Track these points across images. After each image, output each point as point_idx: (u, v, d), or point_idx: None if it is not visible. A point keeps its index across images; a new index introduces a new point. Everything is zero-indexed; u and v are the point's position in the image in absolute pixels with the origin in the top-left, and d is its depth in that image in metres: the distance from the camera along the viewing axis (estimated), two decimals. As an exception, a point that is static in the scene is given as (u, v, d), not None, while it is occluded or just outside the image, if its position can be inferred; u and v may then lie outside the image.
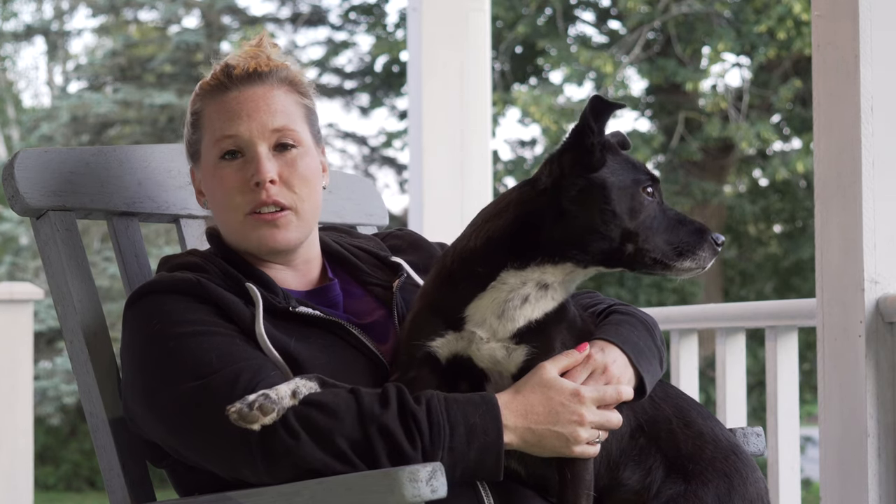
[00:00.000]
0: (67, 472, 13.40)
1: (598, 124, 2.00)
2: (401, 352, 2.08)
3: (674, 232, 2.00)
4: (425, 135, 4.49)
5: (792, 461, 3.64)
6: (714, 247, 2.01)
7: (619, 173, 2.01)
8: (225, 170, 2.17)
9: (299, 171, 2.18)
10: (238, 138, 2.16)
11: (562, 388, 1.99)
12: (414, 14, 4.54)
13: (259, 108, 2.17)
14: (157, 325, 2.07)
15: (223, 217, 2.20)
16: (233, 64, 2.20)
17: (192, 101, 2.25)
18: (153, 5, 15.31)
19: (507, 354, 2.02)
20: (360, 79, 16.61)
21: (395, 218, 14.77)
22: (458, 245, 2.07)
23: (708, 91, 14.00)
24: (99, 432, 2.26)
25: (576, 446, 1.99)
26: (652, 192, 2.02)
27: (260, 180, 2.14)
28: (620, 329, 2.13)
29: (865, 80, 2.87)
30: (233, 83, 2.19)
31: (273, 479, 1.95)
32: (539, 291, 2.01)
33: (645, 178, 2.02)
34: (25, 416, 6.27)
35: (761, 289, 15.83)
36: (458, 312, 2.02)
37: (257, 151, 2.16)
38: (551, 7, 14.71)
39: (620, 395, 2.04)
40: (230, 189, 2.17)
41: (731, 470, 2.09)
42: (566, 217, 1.99)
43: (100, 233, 13.70)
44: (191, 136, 2.25)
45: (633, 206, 1.99)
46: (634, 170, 2.03)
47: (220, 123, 2.18)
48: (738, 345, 3.85)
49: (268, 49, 2.24)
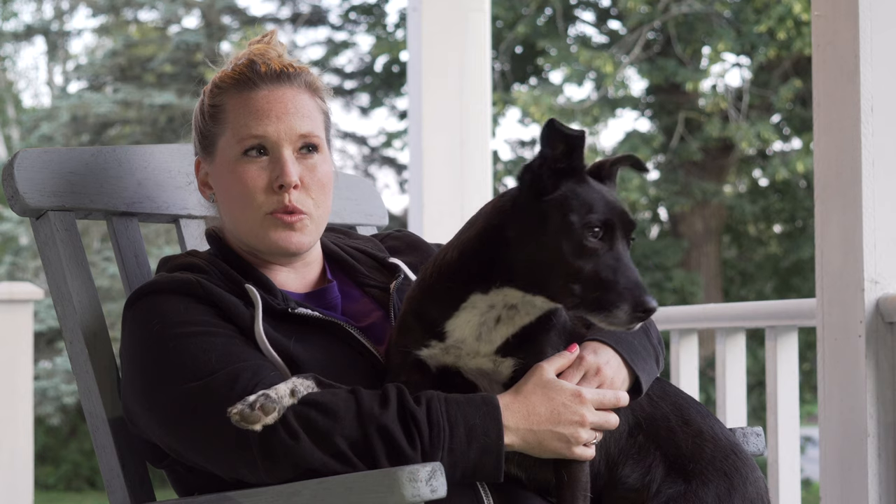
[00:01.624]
0: (67, 472, 13.41)
1: (550, 150, 1.93)
2: (392, 354, 2.08)
3: (601, 284, 1.87)
4: (425, 135, 4.49)
5: (792, 461, 3.65)
6: (634, 313, 1.85)
7: (570, 206, 1.91)
8: (248, 166, 2.16)
9: (318, 177, 2.18)
10: (266, 139, 2.16)
11: (562, 388, 1.99)
12: (414, 14, 4.54)
13: (288, 111, 2.17)
14: (156, 326, 2.06)
15: (239, 213, 2.19)
16: (258, 61, 2.19)
17: (211, 92, 2.22)
18: (153, 5, 15.31)
19: (495, 367, 2.02)
20: (360, 79, 16.62)
21: (395, 218, 14.77)
22: (439, 257, 2.06)
23: (708, 91, 14.00)
24: (99, 432, 2.26)
25: (576, 447, 1.99)
26: (600, 235, 1.90)
27: (285, 183, 2.14)
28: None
29: (865, 80, 2.87)
30: (261, 80, 2.18)
31: (272, 479, 1.95)
32: (510, 311, 1.99)
33: (597, 219, 1.90)
34: (25, 416, 6.27)
35: (761, 289, 15.83)
36: (439, 327, 2.01)
37: (283, 154, 2.15)
38: (551, 7, 14.71)
39: (619, 400, 2.03)
40: (252, 188, 2.16)
41: (732, 469, 2.08)
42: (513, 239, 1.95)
43: (100, 233, 13.70)
44: (208, 129, 2.21)
45: (566, 246, 1.89)
46: (587, 209, 1.91)
47: (248, 121, 2.16)
48: (738, 345, 3.85)
49: (278, 48, 2.24)
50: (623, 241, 1.92)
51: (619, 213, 1.93)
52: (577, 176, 1.95)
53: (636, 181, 13.58)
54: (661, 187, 14.62)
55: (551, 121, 1.93)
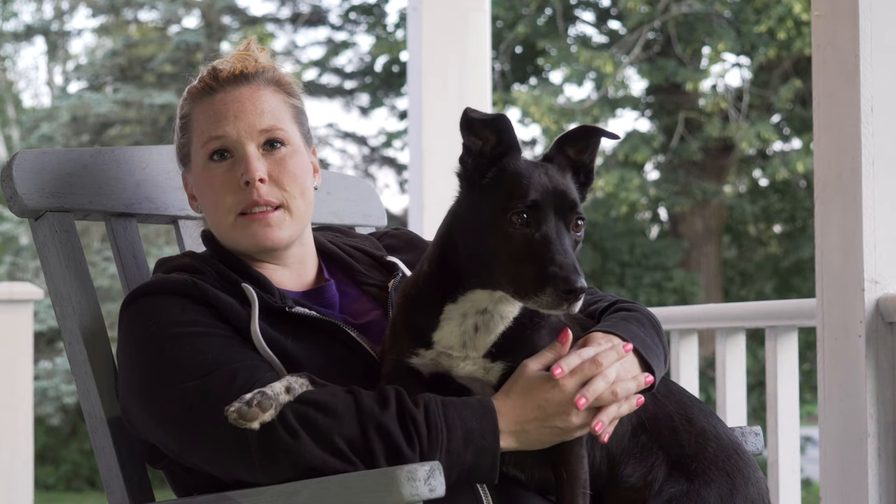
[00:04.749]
0: (67, 472, 13.41)
1: (475, 139, 1.92)
2: (384, 361, 2.08)
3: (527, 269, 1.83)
4: (425, 135, 4.49)
5: (792, 461, 3.64)
6: (560, 295, 1.80)
7: (495, 193, 1.89)
8: (214, 170, 2.18)
9: (289, 169, 2.18)
10: (226, 139, 2.17)
11: (541, 382, 1.97)
12: (414, 14, 4.54)
13: (245, 109, 2.18)
14: (153, 327, 2.07)
15: (214, 219, 2.21)
16: (220, 67, 2.22)
17: (181, 105, 2.26)
18: (153, 5, 15.31)
19: (486, 372, 2.02)
20: (360, 79, 16.62)
21: (395, 218, 14.77)
22: (417, 269, 2.05)
23: (708, 91, 14.01)
24: (98, 433, 2.25)
25: (574, 430, 1.98)
26: (527, 219, 1.86)
27: (249, 179, 2.15)
28: (629, 325, 2.12)
29: (865, 80, 2.87)
30: (219, 85, 2.20)
31: (270, 478, 1.94)
32: (483, 317, 1.98)
33: (520, 203, 1.85)
34: (25, 416, 6.27)
35: (761, 289, 15.84)
36: (427, 337, 2.01)
37: (246, 151, 2.17)
38: (551, 7, 14.71)
39: (599, 365, 1.98)
40: (220, 190, 2.17)
41: (734, 469, 2.08)
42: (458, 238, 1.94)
43: (99, 233, 13.70)
44: (180, 141, 2.26)
45: (494, 233, 1.87)
46: (511, 193, 1.87)
47: (208, 125, 2.19)
48: (738, 345, 3.85)
49: (255, 53, 2.25)
50: (557, 221, 1.87)
51: (551, 193, 1.88)
52: (509, 160, 1.91)
53: (636, 181, 13.58)
54: (661, 187, 14.63)
55: (466, 110, 1.90)
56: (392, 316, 2.10)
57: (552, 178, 1.91)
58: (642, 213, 16.32)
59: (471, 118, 1.90)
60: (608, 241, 14.98)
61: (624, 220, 15.19)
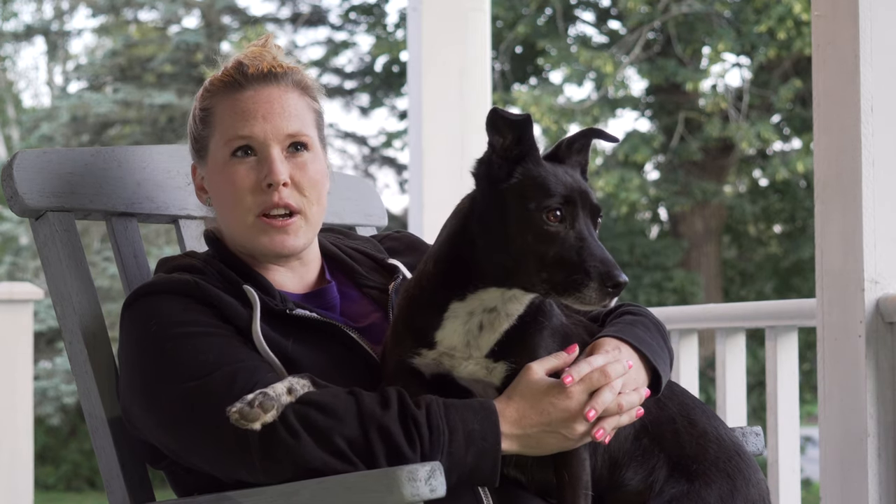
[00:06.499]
0: (67, 472, 13.41)
1: (499, 138, 1.92)
2: (386, 362, 2.08)
3: (567, 266, 1.85)
4: (425, 135, 4.49)
5: (792, 461, 3.64)
6: (604, 289, 1.83)
7: (525, 192, 1.90)
8: (237, 167, 2.17)
9: (310, 175, 2.18)
10: (253, 139, 2.16)
11: (548, 388, 1.97)
12: (414, 14, 4.54)
13: (274, 111, 2.17)
14: (154, 327, 2.06)
15: (231, 216, 2.19)
16: (246, 63, 2.19)
17: (202, 96, 2.23)
18: (153, 5, 15.32)
19: (488, 372, 2.02)
20: (360, 79, 16.62)
21: (395, 218, 14.77)
22: (420, 268, 2.05)
23: (708, 91, 14.01)
24: (98, 433, 2.25)
25: (578, 439, 1.98)
26: (561, 216, 1.88)
27: (273, 182, 2.14)
28: (635, 329, 2.12)
29: (865, 80, 2.87)
30: (248, 81, 2.18)
31: (271, 478, 1.94)
32: (490, 315, 1.98)
33: (554, 202, 1.88)
34: (25, 416, 6.27)
35: (761, 289, 15.84)
36: (429, 337, 2.01)
37: (271, 153, 2.16)
38: (551, 7, 14.71)
39: (608, 375, 1.98)
40: (241, 188, 2.16)
41: (735, 471, 2.08)
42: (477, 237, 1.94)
43: (100, 233, 13.70)
44: (199, 132, 2.22)
45: (528, 233, 1.88)
46: (543, 193, 1.89)
47: (234, 122, 2.17)
48: (738, 345, 3.85)
49: (273, 50, 2.24)
50: (586, 219, 1.90)
51: (579, 193, 1.91)
52: (531, 160, 1.93)
53: (636, 181, 13.58)
54: (661, 187, 14.63)
55: (494, 109, 1.92)
56: (394, 317, 2.10)
57: (574, 178, 1.94)
58: (642, 213, 16.32)
59: (502, 116, 1.91)
60: (608, 242, 14.98)
61: (624, 220, 15.19)
